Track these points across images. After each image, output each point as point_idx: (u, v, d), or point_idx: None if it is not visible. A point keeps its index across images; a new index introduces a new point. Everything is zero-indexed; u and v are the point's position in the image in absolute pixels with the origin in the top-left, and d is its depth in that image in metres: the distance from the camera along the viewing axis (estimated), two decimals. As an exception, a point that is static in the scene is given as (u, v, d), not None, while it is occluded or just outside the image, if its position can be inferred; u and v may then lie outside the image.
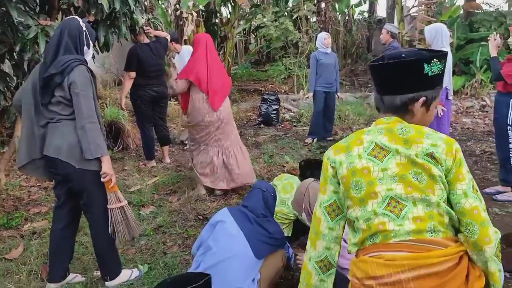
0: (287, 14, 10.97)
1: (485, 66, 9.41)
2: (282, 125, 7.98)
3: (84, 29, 2.64)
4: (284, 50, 11.39)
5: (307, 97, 7.26)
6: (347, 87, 10.48)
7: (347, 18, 13.14)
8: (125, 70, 5.24)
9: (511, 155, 4.09)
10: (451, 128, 6.96)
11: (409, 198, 1.46)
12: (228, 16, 10.64)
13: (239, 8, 9.71)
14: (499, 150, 4.30)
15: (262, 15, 11.05)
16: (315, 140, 6.60)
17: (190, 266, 2.73)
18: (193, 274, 2.22)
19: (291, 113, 8.53)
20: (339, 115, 7.84)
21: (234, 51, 12.24)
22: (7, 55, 3.76)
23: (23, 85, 2.78)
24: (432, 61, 1.52)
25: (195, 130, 4.31)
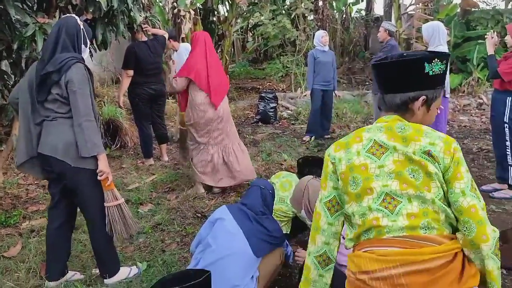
0: (284, 12, 10.96)
1: (482, 64, 9.44)
2: (280, 123, 7.99)
3: (82, 27, 2.64)
4: (281, 48, 11.40)
5: (304, 95, 7.26)
6: (344, 85, 10.49)
7: (344, 16, 13.15)
8: (123, 68, 5.25)
9: (507, 152, 4.12)
10: (448, 126, 6.98)
11: (404, 194, 1.47)
12: (226, 14, 10.63)
13: (236, 6, 9.71)
14: (496, 147, 4.32)
15: (260, 13, 11.06)
16: (313, 138, 6.61)
17: (188, 264, 2.74)
18: (193, 271, 2.23)
19: (289, 111, 8.53)
20: (337, 113, 7.85)
21: (232, 49, 12.24)
22: (5, 53, 3.76)
23: (20, 82, 2.76)
24: (433, 61, 1.53)
25: (194, 129, 4.28)
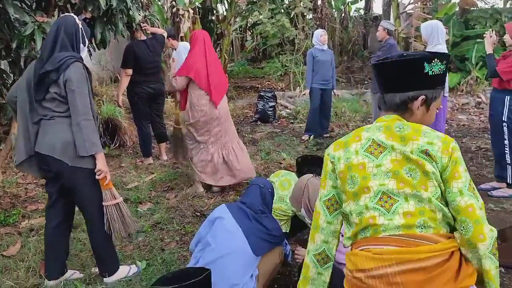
0: (283, 11, 10.97)
1: (480, 63, 9.46)
2: (279, 122, 7.99)
3: (80, 26, 2.64)
4: (280, 47, 11.41)
5: (303, 94, 7.27)
6: (343, 84, 10.50)
7: (343, 15, 13.15)
8: (121, 67, 5.24)
9: (506, 151, 4.13)
10: (446, 125, 7.00)
11: (400, 193, 1.48)
12: (225, 13, 10.64)
13: (235, 5, 9.72)
14: (494, 146, 4.33)
15: (259, 12, 11.07)
16: (312, 137, 6.62)
17: (188, 262, 2.75)
18: (192, 269, 2.23)
19: (288, 110, 8.54)
20: (336, 112, 7.86)
21: (231, 48, 12.25)
22: (4, 52, 3.75)
23: (18, 81, 2.76)
24: (433, 61, 1.54)
25: (194, 128, 4.26)
